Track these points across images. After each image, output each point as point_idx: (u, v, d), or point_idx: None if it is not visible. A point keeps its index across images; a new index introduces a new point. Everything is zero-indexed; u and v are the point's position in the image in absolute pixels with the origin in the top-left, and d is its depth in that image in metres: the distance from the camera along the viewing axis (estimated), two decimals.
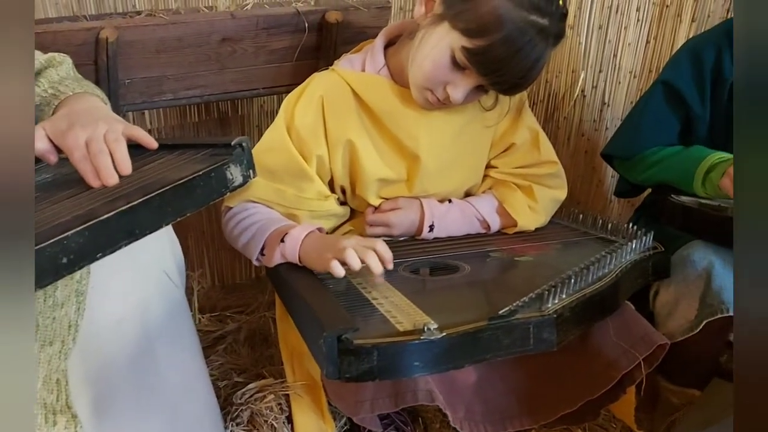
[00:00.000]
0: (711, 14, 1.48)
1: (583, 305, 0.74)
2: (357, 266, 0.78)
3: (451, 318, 0.69)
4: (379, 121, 0.97)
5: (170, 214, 0.63)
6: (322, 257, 0.81)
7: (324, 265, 0.80)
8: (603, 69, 1.51)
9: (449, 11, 0.86)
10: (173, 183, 0.63)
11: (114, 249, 0.59)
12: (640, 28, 1.48)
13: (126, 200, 0.60)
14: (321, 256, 0.82)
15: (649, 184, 1.13)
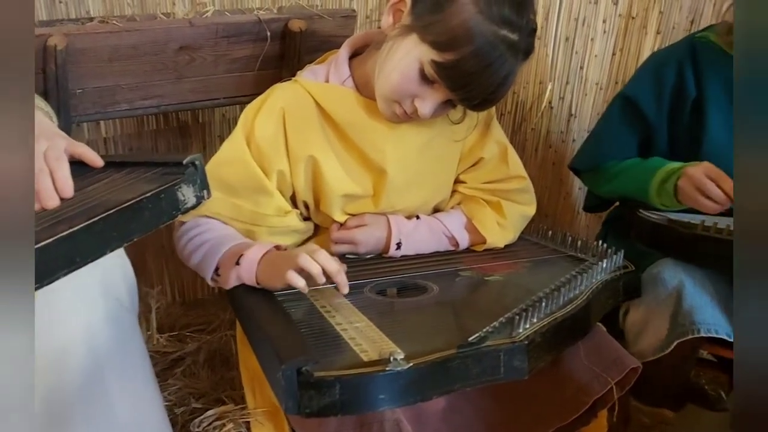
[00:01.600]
0: (676, 26, 1.49)
1: (555, 330, 0.71)
2: (315, 270, 0.75)
3: (419, 345, 0.66)
4: (344, 134, 0.93)
5: (115, 240, 0.59)
6: (278, 273, 0.78)
7: (281, 279, 0.77)
8: (570, 80, 1.51)
9: (418, 23, 0.83)
10: (119, 205, 0.59)
11: (52, 279, 0.54)
12: (606, 40, 1.48)
13: (68, 225, 0.56)
14: (277, 272, 0.78)
15: (612, 197, 1.13)
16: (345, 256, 0.97)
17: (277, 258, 0.81)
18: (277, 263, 0.79)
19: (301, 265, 0.75)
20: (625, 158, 1.08)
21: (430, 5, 0.82)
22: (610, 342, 0.83)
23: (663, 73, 1.04)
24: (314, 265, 0.75)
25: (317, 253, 0.76)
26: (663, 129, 1.05)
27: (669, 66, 1.04)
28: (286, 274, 0.76)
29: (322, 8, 1.30)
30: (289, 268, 0.76)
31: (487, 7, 0.79)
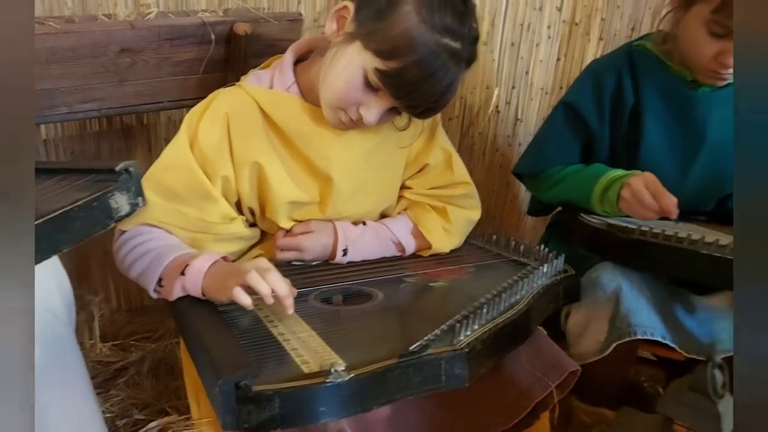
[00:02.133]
0: (617, 33, 1.54)
1: (496, 336, 0.73)
2: (264, 290, 0.74)
3: (361, 355, 0.66)
4: (289, 141, 0.93)
5: (43, 251, 0.57)
6: (224, 286, 0.76)
7: (227, 294, 0.75)
8: (516, 85, 1.53)
9: (361, 30, 0.83)
10: (48, 215, 0.57)
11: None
12: (550, 45, 1.51)
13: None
14: (224, 285, 0.76)
15: (555, 202, 1.15)
16: (291, 262, 0.97)
17: (224, 270, 0.80)
18: (225, 276, 0.78)
19: (250, 284, 0.74)
20: (567, 164, 1.10)
21: (372, 13, 0.82)
22: (551, 346, 0.85)
23: (602, 81, 1.07)
24: (263, 286, 0.73)
25: (268, 273, 0.74)
26: (604, 136, 1.08)
27: (608, 74, 1.07)
28: (232, 291, 0.74)
29: (268, 12, 1.29)
30: (237, 284, 0.74)
31: (430, 16, 0.80)
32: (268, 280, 0.74)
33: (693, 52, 0.98)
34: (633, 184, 0.96)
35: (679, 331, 0.90)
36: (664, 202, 0.93)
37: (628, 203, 0.97)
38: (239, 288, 0.74)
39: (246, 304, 0.74)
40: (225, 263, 0.82)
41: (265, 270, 0.74)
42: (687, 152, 1.05)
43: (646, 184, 0.95)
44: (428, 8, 0.80)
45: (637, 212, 0.96)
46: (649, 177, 0.96)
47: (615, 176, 1.00)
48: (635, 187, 0.95)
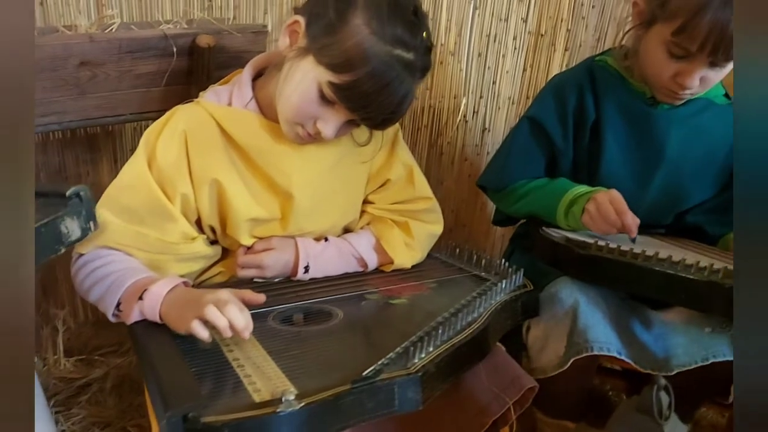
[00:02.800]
0: (582, 44, 1.55)
1: (450, 357, 0.73)
2: (222, 325, 0.73)
3: (315, 380, 0.66)
4: (249, 158, 0.92)
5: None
6: (183, 317, 0.75)
7: (185, 326, 0.75)
8: (483, 95, 1.54)
9: (313, 45, 0.83)
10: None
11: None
12: (517, 56, 1.53)
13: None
14: (182, 316, 0.76)
15: (519, 216, 1.16)
16: (253, 280, 0.96)
17: (183, 297, 0.79)
18: (183, 305, 0.77)
19: (207, 318, 0.73)
20: (532, 178, 1.11)
21: (323, 27, 0.82)
22: (509, 362, 0.86)
23: (565, 97, 1.08)
24: (221, 320, 0.73)
25: (227, 307, 0.74)
26: (568, 150, 1.09)
27: (570, 89, 1.08)
28: (190, 324, 0.73)
29: (233, 23, 1.28)
30: (195, 317, 0.74)
31: (380, 28, 0.80)
32: (226, 314, 0.73)
33: (652, 71, 1.00)
34: (599, 199, 0.97)
35: (635, 346, 0.91)
36: (627, 220, 0.95)
37: (591, 217, 0.98)
38: (197, 321, 0.73)
39: (204, 337, 0.73)
40: (184, 289, 0.82)
41: (224, 303, 0.74)
42: (646, 168, 1.06)
43: (611, 200, 0.96)
44: (378, 20, 0.80)
45: (599, 226, 0.97)
46: (615, 194, 0.97)
47: (581, 192, 1.02)
48: (600, 202, 0.96)
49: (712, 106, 1.06)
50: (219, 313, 0.73)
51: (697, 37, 0.90)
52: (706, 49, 0.90)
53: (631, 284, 0.90)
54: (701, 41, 0.89)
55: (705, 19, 0.88)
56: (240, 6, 1.31)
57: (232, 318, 0.73)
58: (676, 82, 0.96)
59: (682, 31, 0.91)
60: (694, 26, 0.89)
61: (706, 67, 0.94)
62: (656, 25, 0.96)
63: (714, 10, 0.87)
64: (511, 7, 1.47)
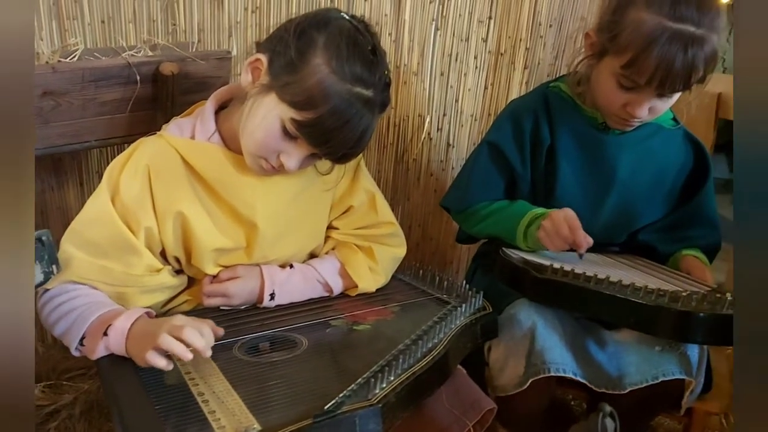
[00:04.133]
0: (541, 62, 1.60)
1: (411, 386, 0.76)
2: (178, 351, 0.74)
3: (279, 414, 0.68)
4: (213, 190, 0.94)
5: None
6: (142, 350, 0.77)
7: (143, 360, 0.76)
8: (447, 113, 1.58)
9: (276, 83, 0.86)
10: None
11: None
12: (478, 74, 1.56)
13: None
14: (141, 349, 0.77)
15: (481, 237, 1.19)
16: (219, 308, 0.98)
17: (144, 330, 0.80)
18: (143, 338, 0.78)
19: (163, 347, 0.74)
20: (493, 200, 1.14)
21: (284, 66, 0.85)
22: (470, 385, 0.89)
23: (521, 122, 1.11)
24: (177, 346, 0.74)
25: (182, 331, 0.75)
26: (526, 174, 1.13)
27: (526, 115, 1.12)
28: (146, 355, 0.75)
29: (198, 48, 1.29)
30: (151, 348, 0.75)
31: (340, 68, 0.82)
32: (183, 338, 0.74)
33: (603, 100, 1.04)
34: (554, 216, 1.01)
35: (589, 366, 0.95)
36: (578, 236, 0.99)
37: (546, 233, 1.01)
38: (153, 352, 0.75)
39: (161, 366, 0.75)
40: (145, 321, 0.83)
41: (179, 328, 0.75)
42: (599, 190, 1.10)
43: (566, 217, 1.00)
44: (338, 59, 0.82)
45: (553, 242, 1.01)
46: (570, 213, 1.01)
47: (538, 213, 1.05)
48: (556, 219, 1.00)
49: (661, 130, 1.11)
50: (173, 339, 0.74)
51: (645, 71, 0.94)
52: (654, 83, 0.94)
53: (584, 307, 0.94)
54: (649, 75, 0.94)
55: (653, 55, 0.92)
56: (205, 30, 1.32)
57: (190, 340, 0.74)
58: (626, 111, 1.00)
59: (631, 65, 0.95)
60: (643, 61, 0.93)
61: (654, 98, 0.98)
62: (607, 57, 1.00)
63: (661, 46, 0.91)
64: (472, 28, 1.51)
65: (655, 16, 0.92)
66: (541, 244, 1.03)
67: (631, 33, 0.94)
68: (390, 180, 1.59)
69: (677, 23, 0.91)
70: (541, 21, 1.56)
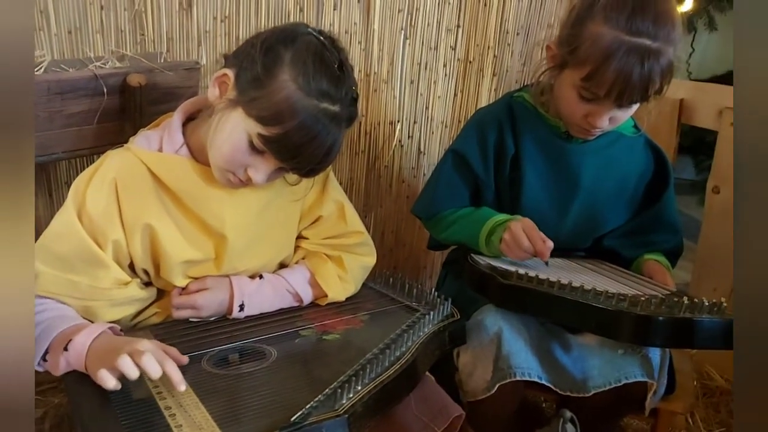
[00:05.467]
0: (509, 69, 1.62)
1: (378, 395, 0.77)
2: (133, 376, 0.73)
3: (246, 427, 0.68)
4: (181, 202, 0.94)
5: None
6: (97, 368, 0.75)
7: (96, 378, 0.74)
8: (417, 120, 1.59)
9: (242, 98, 0.86)
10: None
11: None
12: (448, 82, 1.58)
13: None
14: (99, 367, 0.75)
15: (449, 243, 1.21)
16: (188, 320, 0.98)
17: (105, 347, 0.79)
18: (102, 356, 0.77)
19: (119, 369, 0.73)
20: (459, 207, 1.16)
21: (251, 81, 0.85)
22: (438, 392, 0.90)
23: (486, 132, 1.13)
24: (132, 371, 0.73)
25: (143, 357, 0.73)
26: (490, 182, 1.15)
27: (491, 125, 1.14)
28: (97, 373, 0.74)
29: (166, 58, 1.29)
30: (105, 368, 0.74)
31: (306, 84, 0.83)
32: (140, 365, 0.73)
33: (565, 110, 1.06)
34: (513, 228, 1.03)
35: (554, 370, 0.97)
36: (538, 246, 1.01)
37: (507, 245, 1.03)
38: (104, 370, 0.73)
39: (109, 387, 0.73)
40: (108, 338, 0.82)
41: (139, 353, 0.74)
42: (563, 197, 1.13)
43: (524, 228, 1.02)
44: (304, 76, 0.83)
45: (514, 253, 1.03)
46: (528, 222, 1.03)
47: (498, 221, 1.07)
48: (514, 231, 1.02)
49: (622, 138, 1.14)
50: (132, 363, 0.73)
51: (604, 84, 0.96)
52: (613, 95, 0.97)
53: (548, 312, 0.96)
54: (608, 88, 0.96)
55: (611, 68, 0.94)
56: (173, 39, 1.32)
57: (146, 368, 0.73)
58: (587, 121, 1.03)
59: (590, 77, 0.97)
60: (601, 74, 0.96)
61: (614, 109, 1.01)
62: (567, 69, 1.02)
63: (618, 60, 0.94)
64: (440, 36, 1.53)
65: (613, 30, 0.94)
66: (502, 252, 1.05)
67: (590, 47, 0.96)
68: (362, 187, 1.60)
69: (634, 37, 0.93)
70: (508, 29, 1.59)
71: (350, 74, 0.89)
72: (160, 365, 0.74)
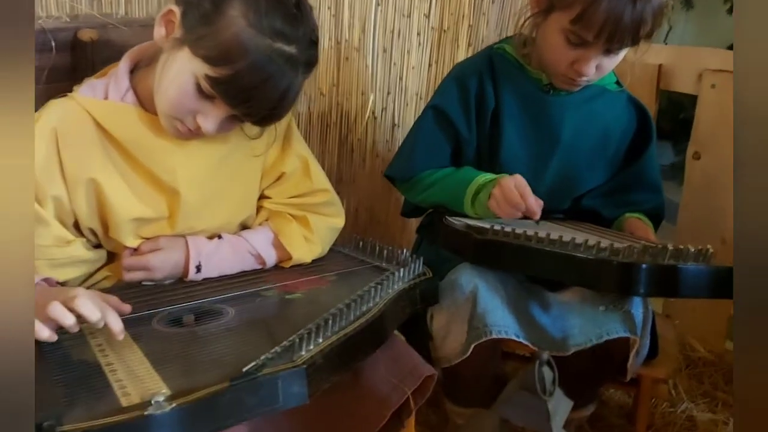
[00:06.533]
0: (485, 39, 1.57)
1: (341, 348, 0.71)
2: (69, 322, 0.67)
3: (194, 380, 0.62)
4: (129, 154, 0.87)
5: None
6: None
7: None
8: (391, 91, 1.53)
9: (189, 36, 0.80)
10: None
11: None
12: (421, 52, 1.53)
13: None
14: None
15: (427, 205, 1.15)
16: (141, 283, 0.91)
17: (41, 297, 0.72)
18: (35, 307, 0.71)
19: (51, 317, 0.67)
20: (438, 168, 1.10)
21: (198, 18, 0.79)
22: (408, 352, 0.85)
23: (466, 85, 1.08)
24: (67, 317, 0.67)
25: (75, 300, 0.68)
26: (472, 138, 1.09)
27: (471, 78, 1.08)
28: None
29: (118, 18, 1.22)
30: (38, 318, 0.67)
31: (257, 21, 0.77)
32: (75, 309, 0.68)
33: (550, 58, 1.01)
34: (503, 184, 0.98)
35: (533, 328, 0.92)
36: (530, 202, 0.96)
37: (497, 201, 0.98)
38: (37, 322, 0.67)
39: (44, 337, 0.67)
40: (41, 289, 0.76)
41: (71, 298, 0.68)
42: (543, 153, 1.08)
43: (516, 184, 0.97)
44: (255, 12, 0.77)
45: (504, 210, 0.98)
46: (519, 178, 0.98)
47: (487, 179, 1.02)
48: (505, 186, 0.97)
49: (605, 92, 1.09)
50: (64, 309, 0.67)
51: (594, 26, 0.92)
52: (603, 37, 0.93)
53: (526, 266, 0.91)
54: (598, 29, 0.92)
55: (601, 8, 0.91)
56: (132, 2, 1.25)
57: (82, 310, 0.68)
58: (574, 69, 0.99)
59: (580, 19, 0.93)
60: (591, 14, 0.91)
61: (602, 55, 0.97)
62: (554, 13, 0.98)
63: (609, 0, 0.89)
64: (413, 3, 1.47)
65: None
66: (491, 212, 0.99)
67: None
68: (334, 162, 1.54)
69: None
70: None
71: (309, 14, 0.83)
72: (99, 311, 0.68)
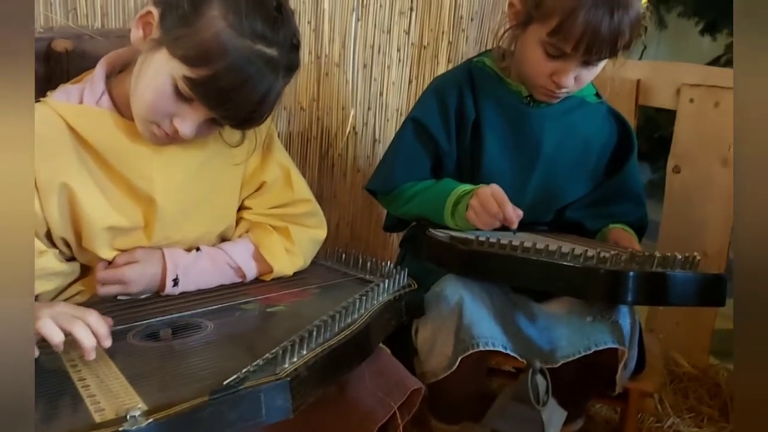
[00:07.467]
0: (464, 55, 1.58)
1: (326, 360, 0.68)
2: (57, 340, 0.65)
3: (171, 394, 0.59)
4: (103, 160, 0.84)
5: None
6: None
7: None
8: (371, 107, 1.53)
9: (167, 36, 0.78)
10: None
11: None
12: (402, 68, 1.53)
13: None
14: None
15: (408, 218, 1.14)
16: (117, 297, 0.88)
17: None
18: None
19: (41, 333, 0.65)
20: (419, 180, 1.10)
21: (177, 18, 0.77)
22: (393, 364, 0.82)
23: (446, 98, 1.08)
24: (56, 335, 0.65)
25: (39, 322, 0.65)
26: (452, 151, 1.09)
27: (450, 90, 1.08)
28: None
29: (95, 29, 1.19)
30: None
31: (237, 22, 0.76)
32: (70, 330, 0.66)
33: (529, 70, 1.02)
34: (480, 194, 0.97)
35: (520, 339, 0.90)
36: (507, 211, 0.95)
37: (475, 211, 0.97)
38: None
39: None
40: None
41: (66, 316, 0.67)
42: (524, 165, 1.07)
43: (493, 193, 0.96)
44: (235, 13, 0.76)
45: (482, 219, 0.97)
46: (496, 188, 0.98)
47: (465, 190, 1.01)
48: (483, 196, 0.96)
49: (584, 104, 1.10)
50: (54, 325, 0.65)
51: (571, 38, 0.92)
52: (581, 49, 0.93)
53: (512, 276, 0.90)
54: (576, 41, 0.92)
55: (578, 20, 0.91)
56: (108, 14, 1.23)
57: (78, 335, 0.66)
58: (552, 80, 0.99)
59: (558, 31, 0.93)
60: (569, 27, 0.92)
61: (580, 66, 0.97)
62: (532, 25, 0.98)
63: (586, 11, 0.90)
64: (393, 19, 1.48)
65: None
66: (471, 223, 0.98)
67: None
68: (315, 176, 1.52)
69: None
70: (463, 14, 1.55)
71: (290, 18, 0.82)
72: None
